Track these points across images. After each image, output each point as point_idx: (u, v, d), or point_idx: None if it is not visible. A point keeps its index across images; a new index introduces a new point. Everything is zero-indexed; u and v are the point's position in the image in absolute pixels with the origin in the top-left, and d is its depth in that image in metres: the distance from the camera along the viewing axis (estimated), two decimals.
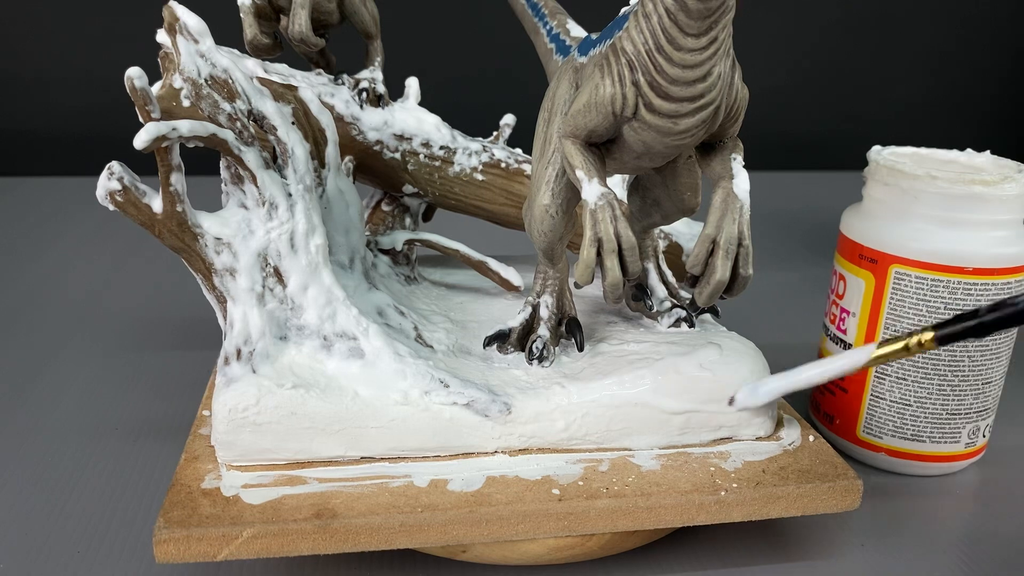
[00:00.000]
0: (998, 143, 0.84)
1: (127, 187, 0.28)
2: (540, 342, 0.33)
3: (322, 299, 0.31)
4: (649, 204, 0.35)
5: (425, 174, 0.41)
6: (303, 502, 0.28)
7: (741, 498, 0.29)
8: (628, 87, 0.27)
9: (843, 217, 0.38)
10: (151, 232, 0.29)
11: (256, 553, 0.27)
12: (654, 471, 0.30)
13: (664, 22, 0.25)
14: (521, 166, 0.42)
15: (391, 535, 0.27)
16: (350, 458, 0.30)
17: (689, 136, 0.27)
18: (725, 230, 0.28)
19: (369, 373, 0.31)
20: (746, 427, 0.32)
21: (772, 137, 1.01)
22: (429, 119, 0.41)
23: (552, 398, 0.31)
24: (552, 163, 0.31)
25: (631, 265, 0.28)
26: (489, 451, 0.31)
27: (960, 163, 0.38)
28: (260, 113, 0.31)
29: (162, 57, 0.33)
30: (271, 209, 0.30)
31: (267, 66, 0.39)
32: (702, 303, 0.29)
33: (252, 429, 0.29)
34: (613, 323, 0.36)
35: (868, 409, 0.37)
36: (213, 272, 0.30)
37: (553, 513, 0.28)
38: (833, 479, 0.30)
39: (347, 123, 0.39)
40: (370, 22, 0.41)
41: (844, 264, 0.37)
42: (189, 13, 0.30)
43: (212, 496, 0.28)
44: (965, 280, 0.34)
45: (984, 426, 0.37)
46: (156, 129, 0.27)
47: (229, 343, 0.30)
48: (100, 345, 0.48)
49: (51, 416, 0.40)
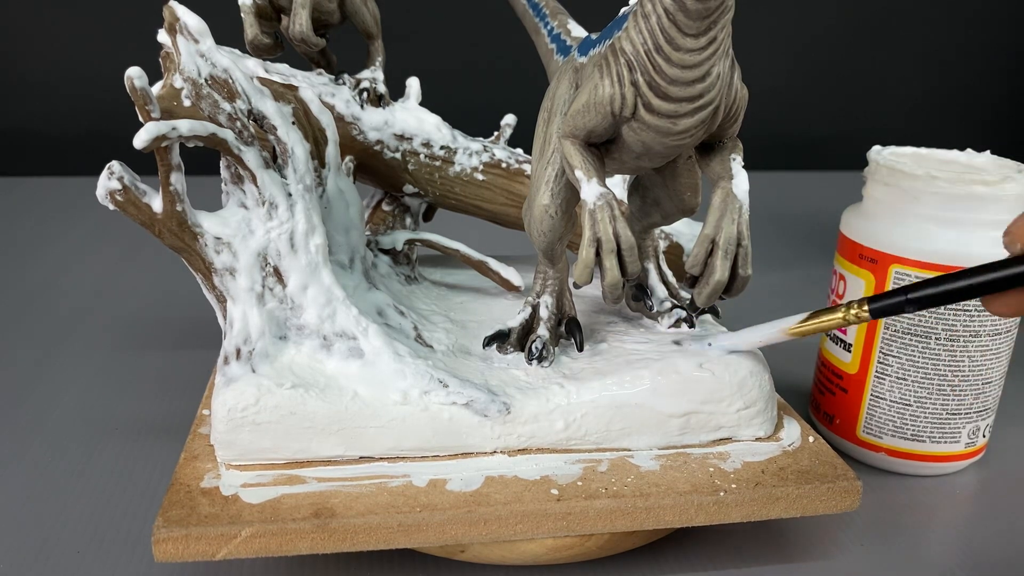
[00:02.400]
0: (998, 143, 0.83)
1: (127, 187, 0.28)
2: (540, 342, 0.33)
3: (322, 299, 0.31)
4: (649, 204, 0.35)
5: (425, 174, 0.41)
6: (302, 501, 0.28)
7: (740, 499, 0.29)
8: (627, 87, 0.27)
9: (843, 217, 0.38)
10: (151, 232, 0.29)
11: (255, 552, 0.27)
12: (653, 471, 0.30)
13: (663, 22, 0.25)
14: (522, 166, 0.42)
15: (390, 535, 0.27)
16: (349, 458, 0.30)
17: (688, 136, 0.27)
18: (724, 230, 0.28)
19: (369, 373, 0.31)
20: (746, 427, 0.32)
21: (772, 137, 1.01)
22: (430, 119, 0.41)
23: (551, 398, 0.31)
24: (552, 163, 0.31)
25: (630, 265, 0.28)
26: (488, 451, 0.31)
27: (960, 163, 0.37)
28: (260, 113, 0.31)
29: (162, 57, 0.33)
30: (271, 209, 0.30)
31: (268, 66, 0.39)
32: (701, 303, 0.29)
33: (251, 428, 0.29)
34: (613, 323, 0.36)
35: (868, 409, 0.37)
36: (213, 272, 0.30)
37: (552, 513, 0.28)
38: (833, 480, 0.30)
39: (348, 123, 0.39)
40: (371, 22, 0.41)
41: (844, 264, 0.37)
42: (189, 13, 0.30)
43: (211, 495, 0.28)
44: None
45: (984, 426, 0.37)
46: (156, 129, 0.27)
47: (229, 343, 0.30)
48: (100, 345, 0.48)
49: (51, 416, 0.40)
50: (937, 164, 0.37)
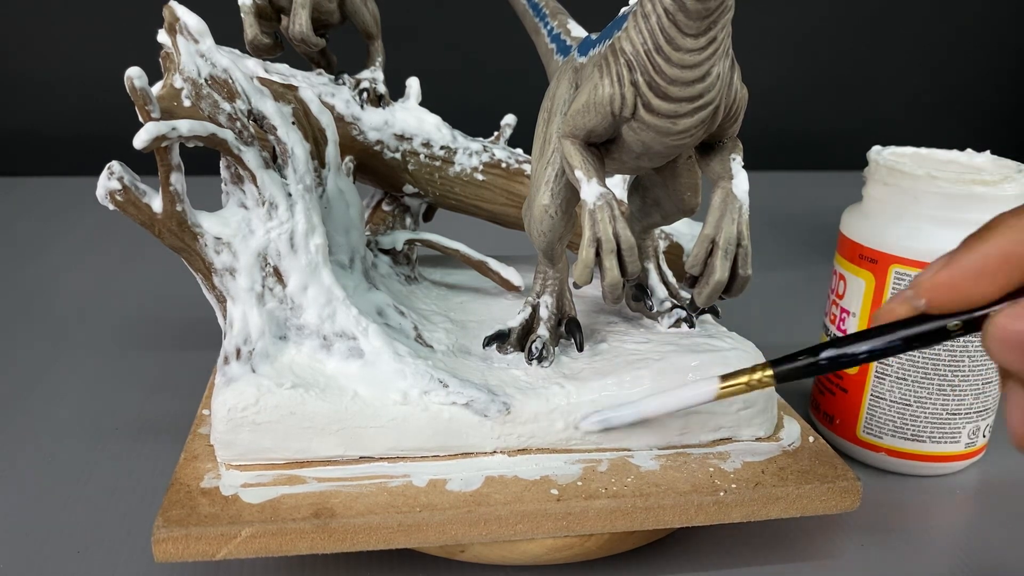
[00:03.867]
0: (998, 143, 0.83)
1: (127, 187, 0.28)
2: (540, 342, 0.33)
3: (322, 299, 0.31)
4: (649, 204, 0.35)
5: (425, 174, 0.41)
6: (302, 501, 0.28)
7: (740, 499, 0.29)
8: (627, 87, 0.27)
9: (843, 217, 0.38)
10: (151, 232, 0.29)
11: (255, 552, 0.27)
12: (653, 471, 0.30)
13: (663, 22, 0.25)
14: (521, 166, 0.42)
15: (390, 535, 0.27)
16: (349, 458, 0.30)
17: (688, 136, 0.27)
18: (724, 230, 0.28)
19: (368, 373, 0.31)
20: (746, 427, 0.32)
21: (772, 137, 1.01)
22: (430, 119, 0.41)
23: (551, 398, 0.31)
24: (551, 163, 0.31)
25: (630, 265, 0.28)
26: (488, 451, 0.31)
27: (960, 163, 0.37)
28: (260, 113, 0.31)
29: (162, 57, 0.33)
30: (271, 209, 0.30)
31: (268, 66, 0.39)
32: (701, 303, 0.29)
33: (251, 428, 0.29)
34: (613, 323, 0.36)
35: (868, 409, 0.37)
36: (213, 272, 0.30)
37: (552, 513, 0.28)
38: (832, 480, 0.30)
39: (348, 123, 0.39)
40: (371, 22, 0.41)
41: (844, 264, 0.37)
42: (189, 13, 0.30)
43: (211, 495, 0.28)
44: None
45: (984, 426, 0.37)
46: (156, 129, 0.27)
47: (229, 343, 0.30)
48: (100, 345, 0.48)
49: (51, 416, 0.40)
50: (937, 164, 0.37)
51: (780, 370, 0.27)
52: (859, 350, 0.25)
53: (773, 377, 0.27)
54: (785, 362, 0.27)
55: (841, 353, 0.26)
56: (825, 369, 0.26)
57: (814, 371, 0.26)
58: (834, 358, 0.26)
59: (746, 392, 0.28)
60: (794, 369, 0.27)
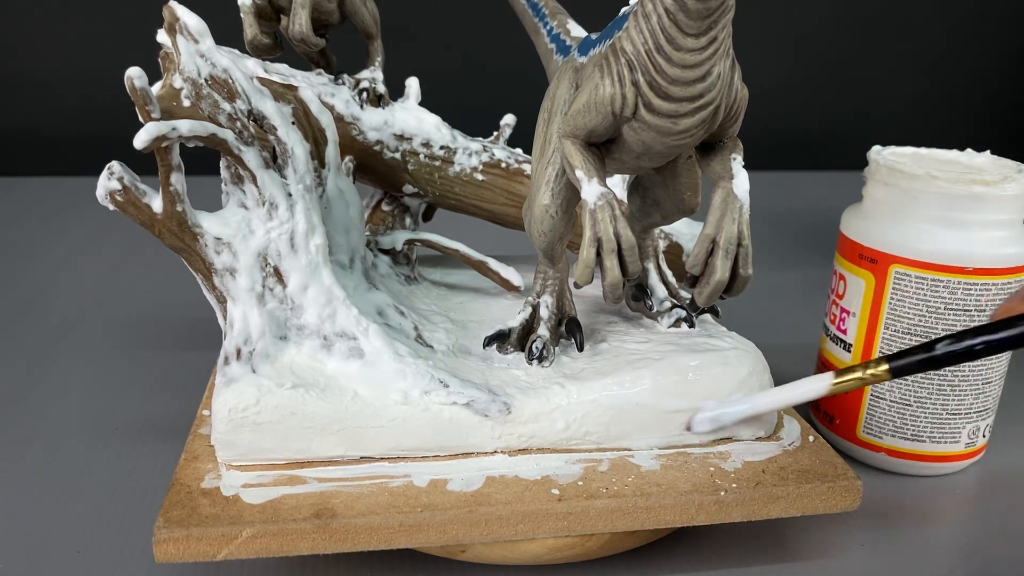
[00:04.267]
0: (998, 143, 0.83)
1: (127, 187, 0.28)
2: (540, 342, 0.33)
3: (322, 299, 0.31)
4: (649, 204, 0.35)
5: (425, 174, 0.41)
6: (302, 502, 0.28)
7: (741, 498, 0.29)
8: (628, 87, 0.27)
9: (843, 217, 0.38)
10: (151, 232, 0.29)
11: (255, 553, 0.27)
12: (654, 471, 0.30)
13: (663, 22, 0.25)
14: (521, 166, 0.42)
15: (390, 535, 0.27)
16: (350, 458, 0.30)
17: (688, 136, 0.27)
18: (725, 230, 0.28)
19: (369, 373, 0.31)
20: (746, 427, 0.32)
21: (772, 137, 1.01)
22: (429, 119, 0.41)
23: (552, 398, 0.31)
24: (552, 163, 0.31)
25: (630, 265, 0.28)
26: (489, 451, 0.31)
27: (960, 163, 0.37)
28: (260, 113, 0.31)
29: (162, 57, 0.33)
30: (271, 209, 0.30)
31: (267, 66, 0.39)
32: (702, 303, 0.29)
33: (252, 429, 0.29)
34: (613, 323, 0.36)
35: (868, 409, 0.37)
36: (213, 272, 0.30)
37: (552, 513, 0.28)
38: (833, 479, 0.30)
39: (347, 123, 0.39)
40: (370, 22, 0.41)
41: (844, 264, 0.37)
42: (189, 13, 0.30)
43: (212, 496, 0.28)
44: (965, 280, 0.34)
45: (984, 426, 0.37)
46: (156, 129, 0.27)
47: (229, 343, 0.30)
48: (100, 345, 0.48)
49: (51, 416, 0.40)
50: (937, 164, 0.37)
51: (896, 365, 0.27)
52: (975, 342, 0.26)
53: (888, 371, 0.28)
54: (900, 357, 0.27)
55: (957, 346, 0.26)
56: (940, 363, 0.27)
57: (929, 365, 0.27)
58: (950, 351, 0.26)
59: (859, 387, 0.29)
60: (910, 364, 0.27)
